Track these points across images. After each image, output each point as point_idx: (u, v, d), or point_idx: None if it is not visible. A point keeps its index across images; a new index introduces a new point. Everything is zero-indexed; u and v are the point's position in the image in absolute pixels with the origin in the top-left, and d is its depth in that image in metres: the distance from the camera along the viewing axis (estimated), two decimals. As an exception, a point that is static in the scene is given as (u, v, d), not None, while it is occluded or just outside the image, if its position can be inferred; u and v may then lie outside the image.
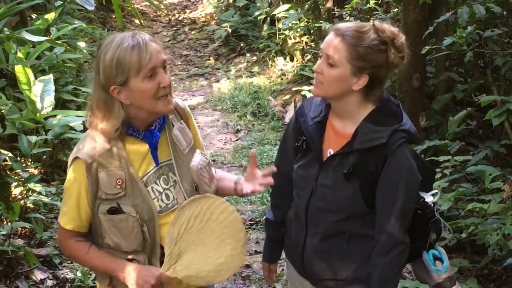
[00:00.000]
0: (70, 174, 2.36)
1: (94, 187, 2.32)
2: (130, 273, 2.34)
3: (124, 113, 2.31)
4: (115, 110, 2.29)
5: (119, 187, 2.33)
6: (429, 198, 2.56)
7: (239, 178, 2.63)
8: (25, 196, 4.70)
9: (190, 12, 14.54)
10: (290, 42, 9.81)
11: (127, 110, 2.32)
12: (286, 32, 9.70)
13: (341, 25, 2.41)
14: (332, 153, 2.49)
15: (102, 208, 2.34)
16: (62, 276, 4.46)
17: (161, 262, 2.41)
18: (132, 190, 2.35)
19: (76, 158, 2.32)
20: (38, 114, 5.13)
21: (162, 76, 2.28)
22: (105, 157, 2.32)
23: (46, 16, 6.61)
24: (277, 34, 10.11)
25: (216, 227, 2.43)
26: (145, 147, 2.40)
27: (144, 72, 2.24)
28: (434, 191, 2.59)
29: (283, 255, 2.90)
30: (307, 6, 9.07)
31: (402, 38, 2.40)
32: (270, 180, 2.51)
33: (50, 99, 5.27)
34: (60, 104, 5.90)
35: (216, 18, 12.89)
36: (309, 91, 7.07)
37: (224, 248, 2.44)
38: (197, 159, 2.49)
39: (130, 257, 2.39)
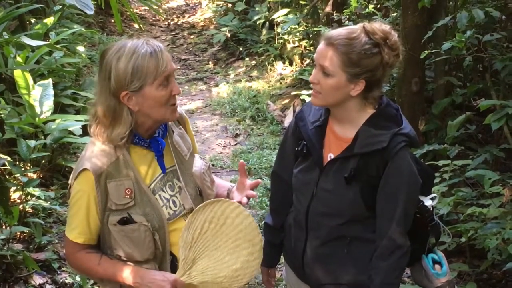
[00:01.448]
0: (77, 186, 2.32)
1: (103, 199, 2.30)
2: (144, 278, 2.31)
3: (132, 119, 2.29)
4: (123, 116, 2.28)
5: (128, 196, 2.31)
6: (428, 202, 2.56)
7: (232, 186, 2.62)
8: (24, 200, 4.69)
9: (189, 16, 14.55)
10: (289, 46, 9.81)
11: (134, 117, 2.31)
12: (285, 37, 9.70)
13: (332, 33, 2.40)
14: (332, 157, 2.49)
15: (112, 219, 2.32)
16: (61, 280, 4.45)
17: (172, 268, 2.40)
18: (141, 199, 2.34)
19: (84, 170, 2.29)
20: (37, 119, 5.13)
21: (174, 84, 2.30)
22: (113, 167, 2.30)
23: (45, 20, 6.62)
24: (276, 39, 10.11)
25: (231, 232, 2.38)
26: (150, 155, 2.40)
27: (160, 80, 2.24)
28: (433, 195, 2.59)
29: (283, 259, 2.89)
30: (306, 10, 9.08)
31: (394, 36, 2.38)
32: (253, 193, 2.49)
33: (49, 104, 5.28)
34: (59, 108, 5.90)
35: (215, 22, 12.90)
36: (308, 95, 7.07)
37: (240, 252, 2.39)
38: (198, 164, 2.50)
39: (142, 266, 2.36)
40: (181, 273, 2.34)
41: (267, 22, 10.44)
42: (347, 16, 7.65)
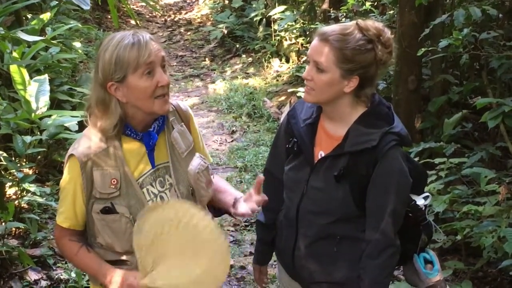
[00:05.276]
0: (65, 172, 2.36)
1: (88, 186, 2.32)
2: (114, 279, 2.33)
3: (120, 110, 2.30)
4: (111, 107, 2.29)
5: (113, 187, 2.31)
6: (420, 201, 2.55)
7: (240, 197, 2.53)
8: (19, 196, 4.68)
9: (186, 13, 14.54)
10: (285, 43, 9.81)
11: (124, 109, 2.31)
12: (282, 34, 9.70)
13: (325, 29, 2.40)
14: (323, 155, 2.49)
15: (95, 207, 2.33)
16: (56, 276, 4.44)
17: None
18: (127, 190, 2.34)
19: (71, 156, 2.32)
20: (33, 114, 5.10)
21: (161, 75, 2.28)
22: (101, 156, 2.31)
23: (42, 16, 6.58)
24: (273, 36, 10.11)
25: (189, 234, 2.29)
26: (142, 148, 2.39)
27: (142, 69, 2.24)
28: (426, 194, 2.58)
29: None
30: (303, 7, 9.08)
31: (387, 33, 2.39)
32: (258, 208, 2.44)
33: (45, 99, 5.25)
34: (55, 104, 5.88)
35: (211, 19, 12.89)
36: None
37: (205, 255, 2.30)
38: (195, 163, 2.47)
39: (122, 258, 2.38)
40: (142, 276, 2.29)
41: (264, 19, 10.45)
42: (344, 13, 7.65)
